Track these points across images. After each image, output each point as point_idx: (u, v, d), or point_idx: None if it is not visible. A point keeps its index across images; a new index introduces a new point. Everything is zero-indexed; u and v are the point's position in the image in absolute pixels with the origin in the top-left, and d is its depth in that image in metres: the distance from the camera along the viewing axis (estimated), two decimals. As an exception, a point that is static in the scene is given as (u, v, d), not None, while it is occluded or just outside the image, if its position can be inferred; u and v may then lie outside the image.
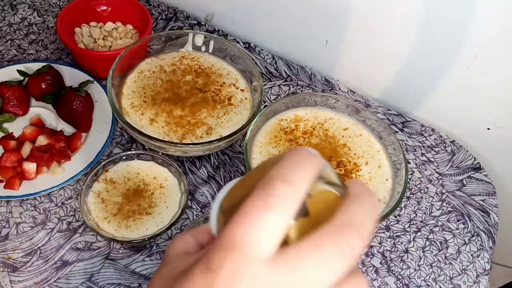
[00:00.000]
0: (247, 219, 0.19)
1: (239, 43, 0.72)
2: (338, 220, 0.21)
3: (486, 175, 0.63)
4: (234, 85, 0.58)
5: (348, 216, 0.21)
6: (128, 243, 0.49)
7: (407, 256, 0.54)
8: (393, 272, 0.53)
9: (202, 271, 0.19)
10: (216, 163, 0.58)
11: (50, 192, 0.53)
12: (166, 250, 0.24)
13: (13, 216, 0.51)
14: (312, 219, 0.24)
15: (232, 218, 0.20)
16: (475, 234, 0.57)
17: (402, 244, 0.55)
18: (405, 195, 0.57)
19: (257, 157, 0.52)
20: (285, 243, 0.24)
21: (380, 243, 0.55)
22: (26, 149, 0.53)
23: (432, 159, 0.63)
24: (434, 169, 0.62)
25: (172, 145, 0.50)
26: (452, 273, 0.53)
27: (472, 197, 0.60)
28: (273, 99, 0.66)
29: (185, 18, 0.75)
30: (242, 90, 0.58)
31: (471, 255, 0.55)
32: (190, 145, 0.50)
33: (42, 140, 0.53)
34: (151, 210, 0.50)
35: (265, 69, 0.70)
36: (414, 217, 0.57)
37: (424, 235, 0.56)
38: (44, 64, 0.59)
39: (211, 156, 0.59)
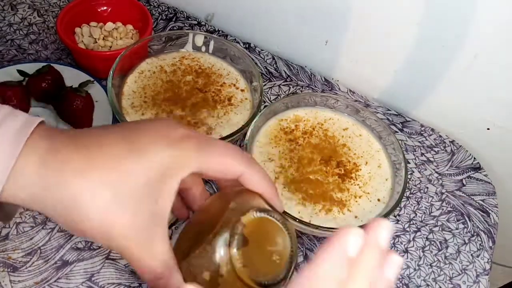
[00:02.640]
0: None
1: (239, 43, 0.72)
2: None
3: (486, 175, 0.63)
4: (234, 85, 0.59)
5: None
6: (128, 243, 0.49)
7: (407, 256, 0.54)
8: (393, 272, 0.53)
9: None
10: (216, 163, 0.58)
11: (50, 192, 0.53)
12: None
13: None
14: (252, 245, 0.29)
15: None
16: (475, 234, 0.57)
17: (401, 244, 0.55)
18: (405, 195, 0.57)
19: (257, 157, 0.52)
20: (234, 272, 0.28)
21: (380, 243, 0.55)
22: (27, 149, 0.53)
23: (431, 159, 0.63)
24: (433, 169, 0.62)
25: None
26: (452, 273, 0.53)
27: (472, 197, 0.60)
28: (273, 99, 0.66)
29: (185, 18, 0.75)
30: (242, 90, 0.58)
31: (471, 255, 0.55)
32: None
33: (42, 140, 0.53)
34: (151, 210, 0.50)
35: (265, 69, 0.70)
36: (413, 217, 0.57)
37: (423, 235, 0.56)
38: (44, 64, 0.59)
39: (211, 156, 0.59)
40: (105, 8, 0.66)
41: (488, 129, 0.64)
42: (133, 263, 0.29)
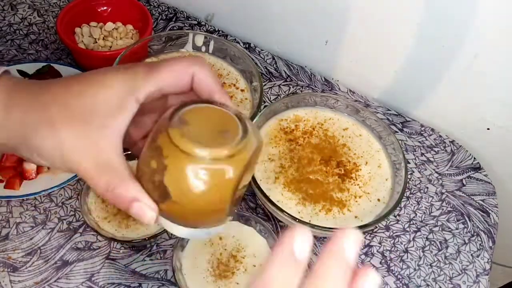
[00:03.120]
0: None
1: (239, 43, 0.72)
2: None
3: (486, 175, 0.63)
4: (234, 85, 0.59)
5: None
6: (129, 243, 0.49)
7: (407, 256, 0.54)
8: (393, 272, 0.53)
9: None
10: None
11: (51, 192, 0.53)
12: None
13: (13, 216, 0.51)
14: (194, 125, 0.28)
15: None
16: (475, 234, 0.57)
17: (401, 244, 0.55)
18: (405, 195, 0.57)
19: (257, 157, 0.52)
20: (176, 147, 0.27)
21: (380, 243, 0.55)
22: (27, 149, 0.53)
23: (431, 159, 0.63)
24: (433, 169, 0.62)
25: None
26: (452, 273, 0.53)
27: (472, 197, 0.60)
28: (273, 99, 0.66)
29: (185, 18, 0.75)
30: (242, 90, 0.58)
31: (471, 255, 0.55)
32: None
33: (42, 140, 0.54)
34: (151, 210, 0.50)
35: (265, 69, 0.70)
36: (413, 217, 0.57)
37: (423, 235, 0.56)
38: (44, 64, 0.59)
39: (211, 156, 0.59)
40: (105, 8, 0.66)
41: (488, 129, 0.64)
42: (85, 176, 0.29)
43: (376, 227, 0.56)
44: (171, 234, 0.51)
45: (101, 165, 0.29)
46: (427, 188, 0.60)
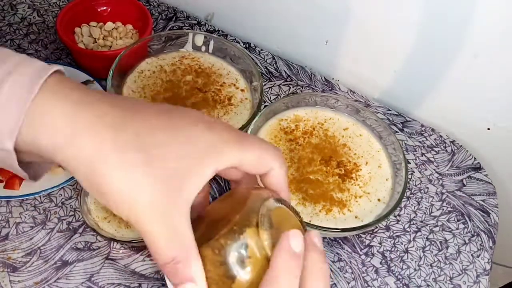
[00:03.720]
0: None
1: (239, 43, 0.72)
2: None
3: (486, 175, 0.63)
4: (234, 85, 0.58)
5: None
6: (129, 243, 0.49)
7: (407, 256, 0.54)
8: (393, 272, 0.53)
9: None
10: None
11: (50, 192, 0.53)
12: None
13: (13, 216, 0.51)
14: (275, 229, 0.30)
15: None
16: (475, 234, 0.57)
17: (402, 244, 0.55)
18: (405, 195, 0.57)
19: (257, 157, 0.52)
20: (264, 252, 0.28)
21: (380, 243, 0.55)
22: (26, 149, 0.53)
23: (432, 159, 0.63)
24: (434, 169, 0.62)
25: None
26: (452, 273, 0.53)
27: (472, 197, 0.60)
28: (273, 99, 0.66)
29: (185, 18, 0.75)
30: (242, 90, 0.58)
31: (471, 255, 0.55)
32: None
33: (42, 140, 0.53)
34: (151, 210, 0.50)
35: (265, 69, 0.70)
36: (414, 217, 0.57)
37: (424, 235, 0.56)
38: (44, 64, 0.59)
39: (211, 156, 0.59)
40: (105, 8, 0.66)
41: (488, 129, 0.64)
42: (149, 240, 0.26)
43: (376, 227, 0.56)
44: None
45: (172, 235, 0.26)
46: (428, 188, 0.60)
